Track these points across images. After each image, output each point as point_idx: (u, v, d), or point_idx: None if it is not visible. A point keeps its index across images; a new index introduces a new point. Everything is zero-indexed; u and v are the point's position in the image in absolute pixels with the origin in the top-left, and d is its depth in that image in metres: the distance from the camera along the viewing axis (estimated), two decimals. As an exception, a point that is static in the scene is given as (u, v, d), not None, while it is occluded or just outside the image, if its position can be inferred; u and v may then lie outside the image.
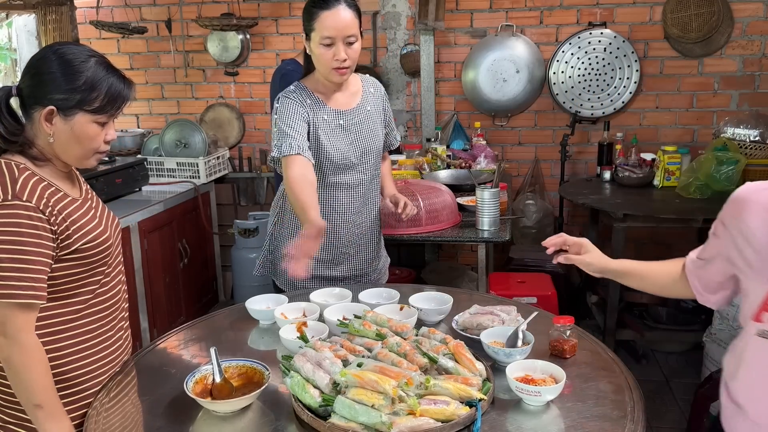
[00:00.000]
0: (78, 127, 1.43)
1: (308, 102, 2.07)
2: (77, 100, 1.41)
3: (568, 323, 1.58)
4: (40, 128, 1.43)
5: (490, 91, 4.16)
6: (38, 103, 1.42)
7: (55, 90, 1.40)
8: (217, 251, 4.20)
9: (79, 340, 1.51)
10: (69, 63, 1.41)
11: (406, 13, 4.25)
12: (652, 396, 3.18)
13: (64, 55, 1.42)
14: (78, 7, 4.26)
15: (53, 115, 1.41)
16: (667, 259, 1.53)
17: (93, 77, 1.42)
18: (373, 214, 2.30)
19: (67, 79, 1.41)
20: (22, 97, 1.45)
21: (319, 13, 1.94)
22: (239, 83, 4.50)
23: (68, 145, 1.45)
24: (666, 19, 3.95)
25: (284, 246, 2.11)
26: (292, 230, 2.22)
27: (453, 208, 2.77)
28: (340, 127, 2.13)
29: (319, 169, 2.11)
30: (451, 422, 1.25)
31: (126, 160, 3.59)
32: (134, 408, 1.47)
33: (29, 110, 1.44)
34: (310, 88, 2.11)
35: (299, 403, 1.33)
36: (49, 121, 1.42)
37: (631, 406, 1.35)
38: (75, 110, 1.42)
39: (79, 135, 1.44)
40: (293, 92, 2.09)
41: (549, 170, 4.30)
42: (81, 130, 1.43)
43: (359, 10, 2.03)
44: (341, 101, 2.14)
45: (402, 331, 1.56)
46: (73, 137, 1.44)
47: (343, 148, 2.12)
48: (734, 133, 3.58)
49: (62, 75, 1.41)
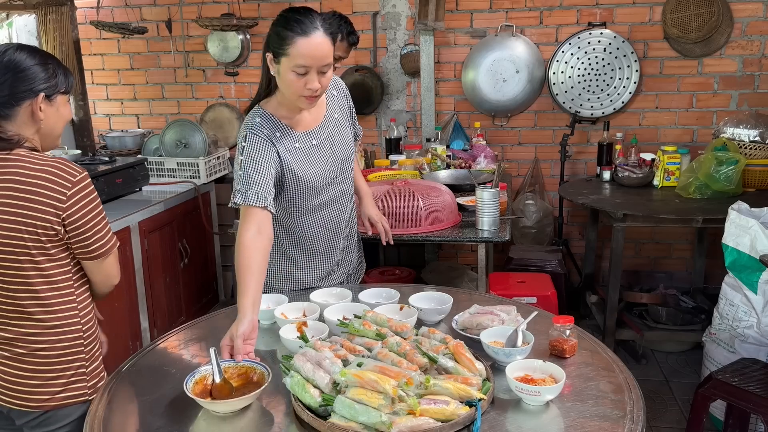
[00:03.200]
0: (62, 110, 1.65)
1: (278, 135, 1.91)
2: (55, 84, 1.61)
3: (568, 323, 1.58)
4: (30, 119, 1.59)
5: (490, 91, 4.16)
6: (25, 97, 1.56)
7: (37, 80, 1.57)
8: (218, 251, 4.20)
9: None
10: (34, 59, 1.59)
11: (406, 13, 4.26)
12: (651, 396, 3.19)
13: (19, 57, 1.59)
14: (78, 7, 4.26)
15: (43, 101, 1.58)
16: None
17: (55, 64, 1.63)
18: (354, 214, 2.24)
19: (43, 69, 1.59)
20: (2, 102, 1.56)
21: (295, 39, 1.77)
22: (239, 83, 4.51)
23: (55, 126, 1.64)
24: (666, 19, 3.95)
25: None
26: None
27: (453, 208, 2.77)
28: (313, 147, 1.99)
29: (303, 198, 2.01)
30: (451, 422, 1.25)
31: (126, 160, 3.59)
32: (134, 408, 1.48)
33: (12, 108, 1.56)
34: (277, 115, 1.94)
35: (299, 402, 1.33)
36: (39, 108, 1.58)
37: (631, 406, 1.35)
38: (56, 94, 1.61)
39: (64, 114, 1.66)
40: (262, 128, 1.89)
41: (549, 170, 4.30)
42: (64, 110, 1.66)
43: (334, 36, 1.93)
44: (308, 120, 2.00)
45: (402, 331, 1.56)
46: (60, 117, 1.65)
47: (320, 169, 2.00)
48: (734, 133, 3.59)
49: (37, 68, 1.58)
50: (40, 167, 1.54)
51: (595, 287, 4.05)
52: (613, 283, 3.37)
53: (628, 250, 4.20)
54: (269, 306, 1.87)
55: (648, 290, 3.87)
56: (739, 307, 2.73)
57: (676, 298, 3.71)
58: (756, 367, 2.43)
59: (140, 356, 1.69)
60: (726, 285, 2.82)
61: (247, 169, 1.83)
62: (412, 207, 2.62)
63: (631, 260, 4.24)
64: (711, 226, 3.17)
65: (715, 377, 2.39)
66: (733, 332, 2.76)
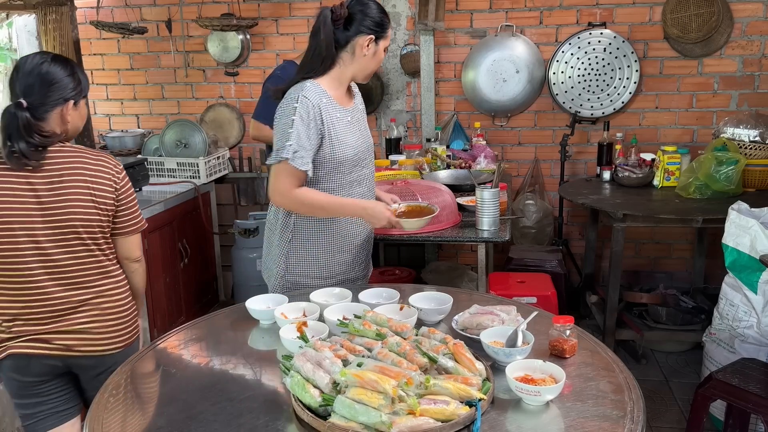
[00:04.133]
0: (83, 111, 1.98)
1: (324, 101, 2.10)
2: (80, 90, 1.94)
3: (568, 323, 1.58)
4: (60, 120, 1.89)
5: (490, 91, 4.16)
6: (57, 104, 1.87)
7: (69, 89, 1.89)
8: (218, 251, 4.20)
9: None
10: (65, 70, 1.91)
11: (406, 13, 4.26)
12: (651, 396, 3.19)
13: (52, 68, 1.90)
14: (78, 8, 4.26)
15: (71, 107, 1.91)
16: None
17: (78, 72, 1.95)
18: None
19: (72, 80, 1.91)
20: (34, 107, 1.84)
21: (388, 28, 2.18)
22: (239, 83, 4.51)
23: (78, 125, 1.97)
24: (666, 20, 3.95)
25: (304, 263, 2.22)
26: (309, 242, 2.22)
27: (453, 208, 2.77)
28: (349, 122, 2.18)
29: (338, 170, 2.15)
30: (451, 422, 1.25)
31: (126, 160, 3.59)
32: (134, 408, 1.48)
33: (46, 113, 1.86)
34: (324, 87, 2.13)
35: (299, 402, 1.33)
36: (68, 113, 1.91)
37: (631, 406, 1.35)
38: (80, 100, 1.95)
39: (84, 115, 1.99)
40: (313, 94, 2.08)
41: (549, 170, 4.31)
42: (83, 111, 1.99)
43: None
44: (345, 100, 2.22)
45: (402, 330, 1.56)
46: (80, 118, 1.97)
47: (354, 143, 2.18)
48: (734, 133, 3.59)
49: (68, 79, 1.90)
50: (97, 156, 1.94)
51: (595, 287, 4.05)
52: (613, 283, 3.37)
53: (628, 250, 4.20)
54: (269, 306, 1.87)
55: (648, 290, 3.87)
56: (739, 307, 2.74)
57: (676, 298, 3.71)
58: (756, 367, 2.43)
59: (140, 356, 1.69)
60: (726, 285, 2.82)
61: (299, 133, 2.03)
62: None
63: (631, 260, 4.24)
64: (711, 226, 3.17)
65: (715, 377, 2.39)
66: (733, 332, 2.76)
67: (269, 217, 2.30)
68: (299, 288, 2.20)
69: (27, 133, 1.80)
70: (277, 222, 2.23)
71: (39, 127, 1.83)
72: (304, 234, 2.20)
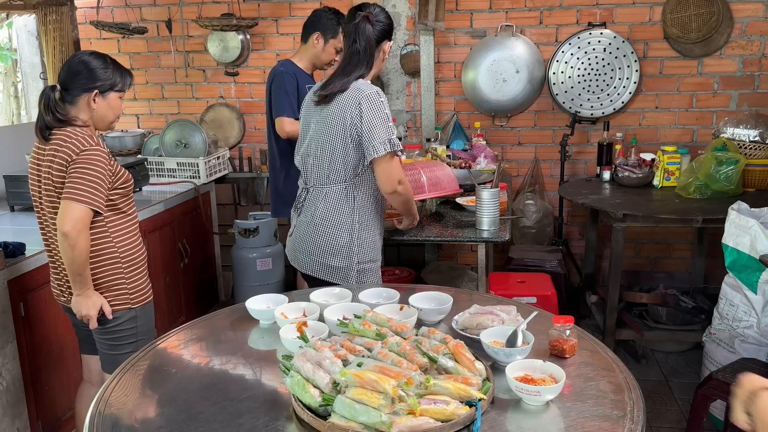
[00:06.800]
0: (113, 103, 2.20)
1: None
2: (110, 84, 2.17)
3: (568, 323, 1.58)
4: (87, 106, 2.15)
5: (490, 91, 4.16)
6: (85, 90, 2.13)
7: (95, 80, 2.14)
8: (218, 251, 4.20)
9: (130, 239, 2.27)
10: (98, 62, 2.17)
11: (406, 13, 4.26)
12: (651, 396, 3.19)
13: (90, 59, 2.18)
14: (78, 8, 4.26)
15: (97, 96, 2.15)
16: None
17: (114, 67, 2.18)
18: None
19: (103, 71, 2.15)
20: (66, 90, 2.13)
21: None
22: (239, 83, 4.51)
23: (106, 114, 2.19)
24: (666, 20, 3.95)
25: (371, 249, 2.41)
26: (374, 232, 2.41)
27: (453, 177, 2.88)
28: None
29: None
30: (451, 422, 1.25)
31: (126, 160, 3.59)
32: (135, 408, 1.48)
33: (75, 97, 2.14)
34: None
35: (299, 402, 1.33)
36: (93, 100, 2.15)
37: (631, 406, 1.35)
38: (109, 91, 2.17)
39: (114, 107, 2.20)
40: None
41: (549, 170, 4.31)
42: (114, 103, 2.20)
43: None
44: None
45: (402, 330, 1.56)
46: (109, 109, 2.19)
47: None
48: (734, 133, 3.59)
49: (99, 70, 2.15)
50: (70, 137, 2.08)
51: (595, 287, 4.05)
52: (613, 283, 3.36)
53: (628, 250, 4.20)
54: (269, 306, 1.87)
55: (648, 290, 3.87)
56: (739, 307, 2.74)
57: (676, 298, 3.71)
58: (756, 367, 2.43)
59: (140, 356, 1.69)
60: (726, 285, 2.82)
61: (389, 123, 2.24)
62: (414, 175, 2.72)
63: (631, 260, 4.24)
64: (711, 226, 3.17)
65: (715, 377, 2.39)
66: (733, 332, 2.76)
67: (334, 204, 2.33)
68: (367, 274, 2.41)
69: (47, 111, 2.10)
70: (345, 208, 2.34)
71: (62, 109, 2.11)
72: (366, 219, 2.37)
